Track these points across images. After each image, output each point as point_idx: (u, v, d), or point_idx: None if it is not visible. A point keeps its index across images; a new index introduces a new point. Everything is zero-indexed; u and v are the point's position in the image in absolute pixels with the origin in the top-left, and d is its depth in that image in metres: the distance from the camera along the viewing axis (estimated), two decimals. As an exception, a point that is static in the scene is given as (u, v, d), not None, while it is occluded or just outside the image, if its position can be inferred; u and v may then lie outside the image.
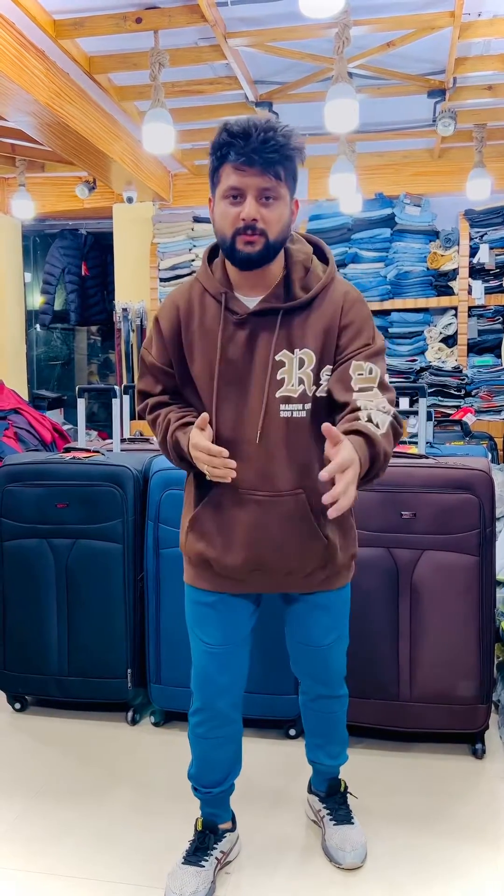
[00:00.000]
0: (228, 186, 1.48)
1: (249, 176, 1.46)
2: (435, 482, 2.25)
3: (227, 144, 1.47)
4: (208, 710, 1.72)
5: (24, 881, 1.75)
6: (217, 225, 1.53)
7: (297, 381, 1.56)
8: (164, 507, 2.37)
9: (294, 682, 2.25)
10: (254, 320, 1.56)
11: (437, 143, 5.02)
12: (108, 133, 4.42)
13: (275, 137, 1.45)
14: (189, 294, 1.62)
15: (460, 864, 1.80)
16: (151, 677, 2.42)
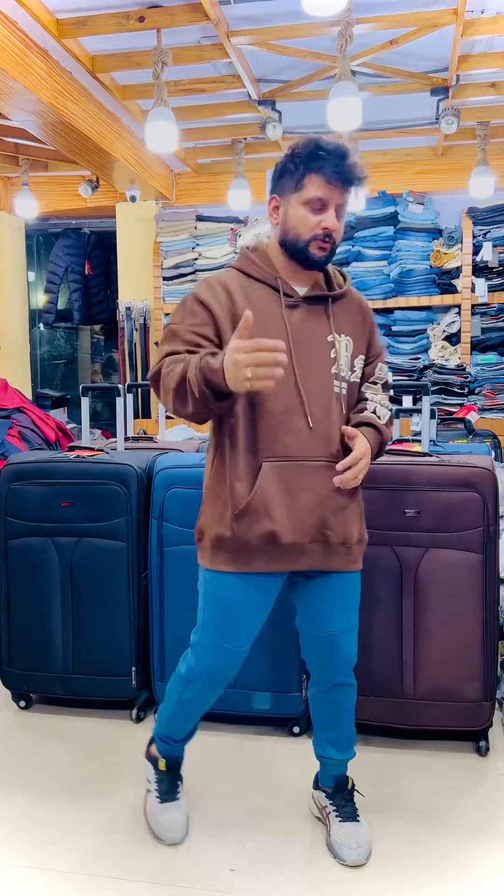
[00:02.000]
0: (315, 197, 1.66)
1: (335, 191, 1.66)
2: (438, 480, 2.25)
3: (322, 159, 1.64)
4: (214, 680, 1.82)
5: (29, 878, 1.76)
6: (293, 227, 1.69)
7: (344, 361, 1.75)
8: (168, 505, 2.37)
9: (299, 680, 2.28)
10: (305, 305, 1.73)
11: (440, 140, 5.02)
12: (111, 132, 4.43)
13: (358, 163, 1.67)
14: (230, 279, 1.72)
15: (464, 860, 1.80)
16: (156, 675, 2.42)
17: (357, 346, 1.78)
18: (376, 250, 5.26)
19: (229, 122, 4.73)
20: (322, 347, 1.72)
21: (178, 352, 1.65)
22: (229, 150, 5.20)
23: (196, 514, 1.93)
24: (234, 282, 1.71)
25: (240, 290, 1.70)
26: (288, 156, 1.69)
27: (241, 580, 1.72)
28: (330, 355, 1.73)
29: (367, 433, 1.73)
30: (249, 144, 5.12)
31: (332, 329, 1.73)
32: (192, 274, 5.56)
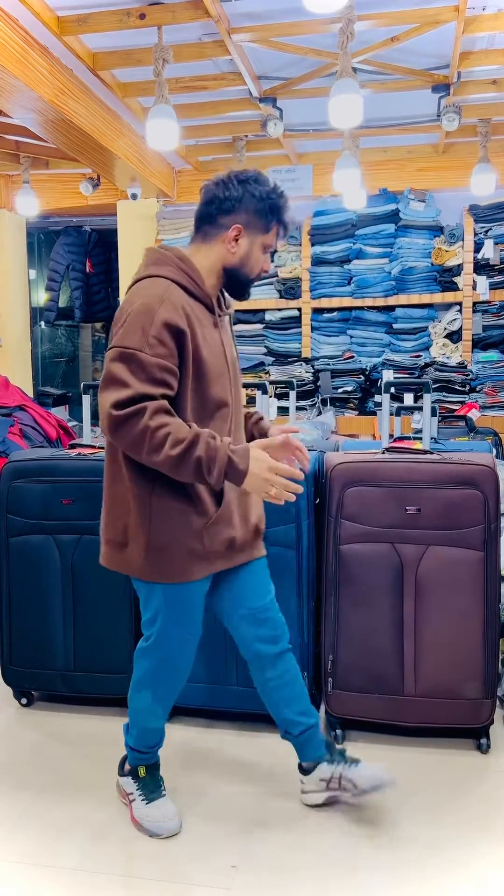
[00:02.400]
0: (271, 244, 1.85)
1: (277, 244, 1.89)
2: (440, 478, 2.25)
3: (285, 213, 1.83)
4: (176, 691, 1.92)
5: (32, 875, 1.76)
6: (250, 264, 1.83)
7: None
8: None
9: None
10: (221, 321, 1.86)
11: (441, 138, 5.01)
12: (111, 130, 4.43)
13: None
14: (179, 297, 1.74)
15: (465, 857, 1.80)
16: None
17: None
18: (377, 248, 5.26)
19: (230, 119, 4.72)
20: (236, 361, 1.92)
21: (152, 396, 1.65)
22: (230, 148, 5.19)
23: None
24: (182, 299, 1.74)
25: (189, 308, 1.75)
26: (257, 194, 1.78)
27: (203, 581, 1.82)
28: (235, 360, 1.92)
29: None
30: (250, 142, 5.11)
31: (234, 342, 1.95)
32: (193, 272, 5.55)
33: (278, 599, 1.98)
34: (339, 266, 5.32)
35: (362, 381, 5.12)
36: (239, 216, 1.77)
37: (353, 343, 5.34)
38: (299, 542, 2.32)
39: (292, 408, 2.90)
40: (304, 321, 5.38)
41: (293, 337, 5.42)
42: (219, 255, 1.80)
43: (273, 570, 2.06)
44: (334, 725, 2.33)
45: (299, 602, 2.33)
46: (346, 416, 5.11)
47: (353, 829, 1.91)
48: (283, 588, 2.26)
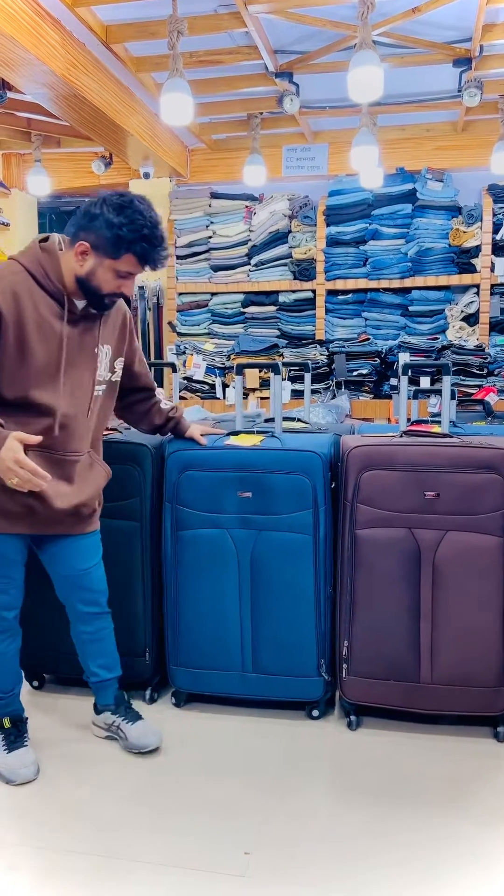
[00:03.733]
0: (127, 271, 1.93)
1: (140, 269, 1.95)
2: (459, 462, 2.20)
3: (142, 245, 1.88)
4: (8, 630, 2.10)
5: (42, 858, 1.75)
6: (97, 282, 1.93)
7: (105, 367, 2.07)
8: (182, 488, 2.34)
9: (317, 664, 2.29)
10: (83, 320, 2.00)
11: (461, 115, 4.89)
12: (124, 106, 4.35)
13: (166, 248, 2.01)
14: (25, 287, 1.91)
15: (481, 844, 1.77)
16: (171, 660, 2.41)
17: (116, 350, 2.12)
18: (394, 228, 5.16)
19: (245, 95, 4.63)
20: (90, 358, 2.02)
21: None
22: (245, 126, 5.10)
23: (211, 497, 2.30)
24: (24, 286, 1.91)
25: (28, 296, 1.91)
26: (110, 222, 1.87)
27: (7, 538, 2.05)
28: (94, 365, 2.03)
29: (187, 422, 2.36)
30: (265, 119, 5.01)
31: (99, 341, 2.04)
32: (205, 252, 5.48)
33: (294, 585, 2.27)
34: (354, 247, 5.23)
35: (378, 363, 5.04)
36: (89, 235, 1.90)
37: (367, 326, 5.26)
38: (316, 528, 2.28)
39: (307, 391, 2.82)
40: (319, 303, 5.30)
41: (307, 319, 5.34)
42: (71, 264, 1.94)
43: (290, 555, 2.25)
44: (349, 711, 2.30)
45: (316, 588, 2.29)
46: (361, 400, 5.05)
47: (366, 817, 1.88)
48: (299, 574, 2.29)
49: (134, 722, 2.22)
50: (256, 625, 2.32)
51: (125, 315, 2.16)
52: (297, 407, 4.31)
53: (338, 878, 1.68)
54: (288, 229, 5.34)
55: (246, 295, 5.44)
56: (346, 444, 2.31)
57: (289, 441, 2.35)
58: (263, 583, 2.30)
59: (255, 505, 2.29)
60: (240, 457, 2.30)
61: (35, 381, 1.93)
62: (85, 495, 2.08)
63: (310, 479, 2.25)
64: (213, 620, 2.34)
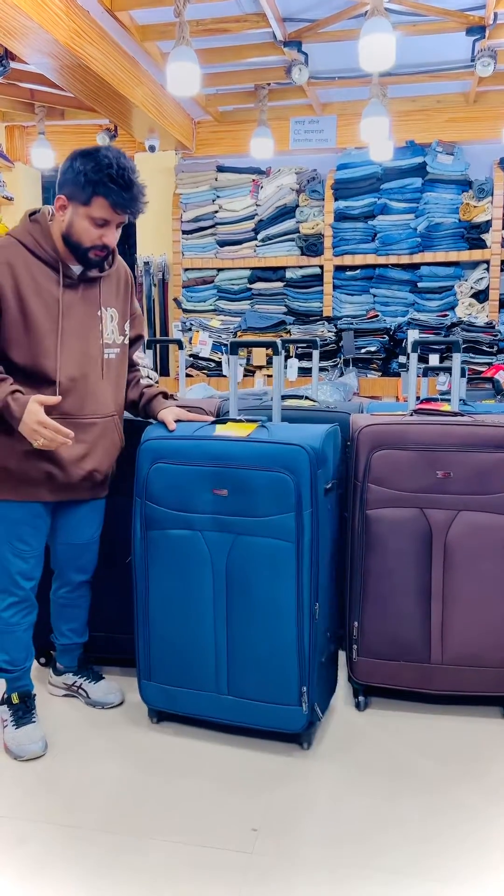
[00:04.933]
0: (100, 217, 1.92)
1: (117, 214, 1.93)
2: (471, 441, 2.16)
3: (108, 187, 1.88)
4: (24, 602, 2.10)
5: (52, 835, 1.75)
6: (76, 234, 1.94)
7: (111, 331, 2.09)
8: (151, 482, 2.07)
9: (297, 693, 1.99)
10: (81, 284, 2.02)
11: (472, 86, 4.79)
12: (129, 76, 4.26)
13: (143, 194, 1.95)
14: (21, 258, 1.95)
15: (492, 823, 1.77)
16: (141, 673, 2.15)
17: (122, 313, 2.14)
18: (403, 203, 5.08)
19: (253, 65, 4.53)
20: (92, 322, 2.04)
21: None
22: (252, 97, 5.00)
23: (183, 493, 2.03)
24: (18, 257, 1.95)
25: (23, 266, 1.94)
26: (77, 168, 1.90)
27: (29, 505, 2.07)
28: (98, 328, 2.05)
29: (164, 403, 2.21)
30: (273, 91, 4.92)
31: (101, 304, 2.05)
32: (212, 227, 5.41)
33: (273, 600, 1.98)
34: (362, 222, 5.16)
35: (386, 341, 4.99)
36: (65, 188, 1.94)
37: (375, 302, 5.20)
38: (300, 534, 1.96)
39: (315, 368, 2.74)
40: (326, 279, 5.23)
41: (314, 295, 5.28)
42: (58, 224, 1.97)
43: (269, 565, 1.97)
44: (358, 692, 2.29)
45: (298, 605, 1.96)
46: (369, 378, 5.00)
47: (374, 795, 1.88)
48: (279, 587, 1.97)
49: (96, 682, 2.33)
50: (232, 642, 2.03)
51: (127, 278, 2.18)
52: (304, 385, 4.27)
53: (345, 852, 1.68)
54: (295, 203, 5.26)
55: (252, 271, 5.38)
56: (357, 423, 2.27)
57: (278, 432, 2.06)
58: (239, 595, 2.01)
59: (232, 505, 1.99)
60: (215, 448, 2.02)
61: (40, 346, 1.96)
62: (99, 460, 2.09)
63: (293, 477, 1.94)
64: (185, 633, 2.07)
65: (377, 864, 1.65)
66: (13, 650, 2.11)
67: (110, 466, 2.16)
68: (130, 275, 2.22)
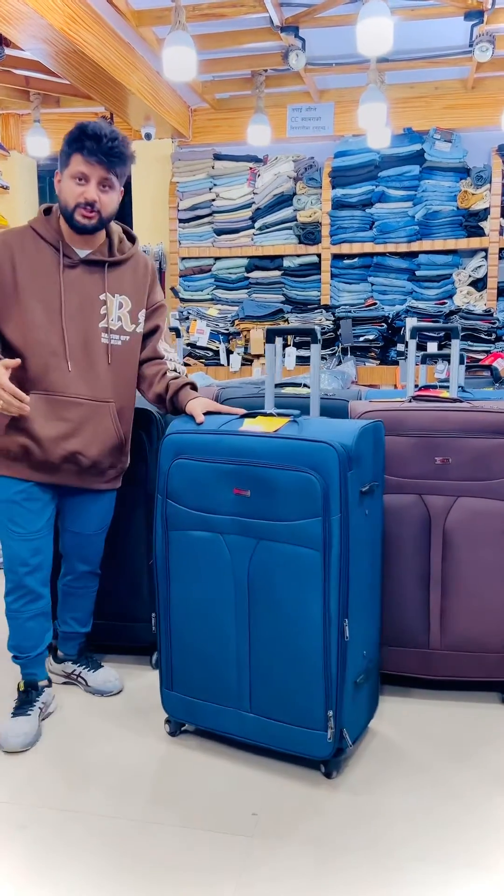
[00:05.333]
0: (78, 171, 1.96)
1: (95, 167, 1.95)
2: (470, 427, 2.16)
3: (82, 141, 1.93)
4: (21, 589, 2.08)
5: (51, 819, 1.75)
6: (64, 197, 2.00)
7: (117, 317, 2.09)
8: (173, 478, 1.94)
9: (324, 717, 1.81)
10: (83, 266, 2.06)
11: (471, 72, 4.75)
12: (125, 63, 4.22)
13: (118, 146, 1.96)
14: (22, 238, 2.03)
15: (492, 808, 1.77)
16: (163, 682, 2.05)
17: (137, 302, 2.13)
18: (401, 190, 5.06)
19: (249, 51, 4.50)
20: (93, 304, 2.05)
21: None
22: (249, 84, 4.96)
23: (204, 492, 1.88)
24: (23, 240, 2.03)
25: (23, 249, 2.01)
26: (63, 143, 2.00)
27: (16, 482, 2.09)
28: (100, 311, 2.06)
29: (191, 394, 2.10)
30: (270, 77, 4.88)
31: (106, 289, 2.06)
32: (209, 216, 5.38)
33: (297, 614, 1.79)
34: (360, 210, 5.14)
35: (384, 329, 4.98)
36: (58, 165, 2.02)
37: (373, 291, 5.18)
38: (327, 542, 1.76)
39: (314, 357, 2.65)
40: (324, 268, 5.21)
41: (312, 284, 5.27)
42: (59, 203, 2.05)
43: (293, 574, 1.79)
44: (356, 678, 2.29)
45: (325, 620, 1.77)
46: (368, 366, 4.99)
47: (374, 781, 1.88)
48: (304, 600, 1.79)
49: (95, 670, 2.33)
50: (255, 656, 1.87)
51: (148, 268, 2.18)
52: (303, 373, 4.26)
53: (344, 836, 1.68)
54: (293, 191, 5.24)
55: (250, 259, 5.36)
56: (355, 410, 2.27)
57: (308, 428, 1.86)
58: (261, 605, 1.84)
59: (254, 506, 1.82)
60: (238, 444, 1.86)
61: (35, 323, 2.00)
62: (84, 444, 2.06)
63: (319, 477, 1.74)
64: (207, 643, 1.93)
65: (377, 844, 1.66)
66: (17, 637, 2.11)
67: (101, 454, 2.10)
68: (153, 267, 2.21)
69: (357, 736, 1.95)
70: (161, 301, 2.22)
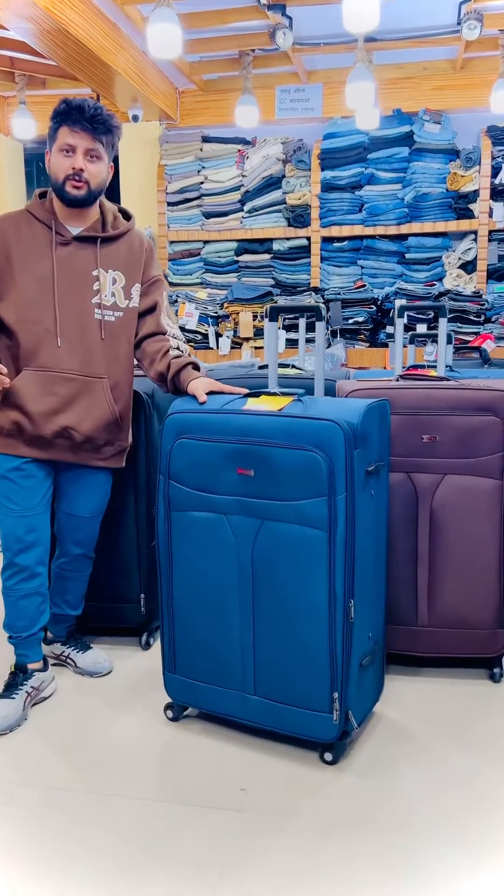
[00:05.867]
0: (64, 143, 1.99)
1: (80, 137, 1.98)
2: (457, 404, 2.16)
3: (66, 113, 1.97)
4: (14, 566, 2.07)
5: (39, 797, 1.76)
6: (53, 171, 2.02)
7: (111, 293, 2.09)
8: (175, 459, 1.91)
9: (329, 699, 1.79)
10: (76, 243, 2.07)
11: (459, 51, 4.72)
12: (111, 42, 4.18)
13: (101, 113, 1.98)
14: (17, 221, 2.07)
15: (476, 783, 1.79)
16: (165, 664, 2.03)
17: (130, 277, 2.12)
18: (390, 173, 5.03)
19: (236, 30, 4.45)
20: (86, 280, 2.06)
21: None
22: (236, 65, 4.92)
23: (206, 472, 1.86)
24: (18, 223, 2.05)
25: (18, 230, 2.04)
26: (50, 117, 2.02)
27: (10, 458, 2.09)
28: (93, 287, 2.07)
29: (192, 374, 2.05)
30: (258, 57, 4.84)
31: (99, 265, 2.07)
32: (197, 199, 5.35)
33: (302, 595, 1.78)
34: (349, 192, 5.11)
35: (374, 311, 4.97)
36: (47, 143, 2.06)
37: (363, 274, 5.17)
38: (333, 522, 1.73)
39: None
40: (314, 251, 5.19)
41: (302, 268, 5.24)
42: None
43: (298, 555, 1.77)
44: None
45: (330, 601, 1.75)
46: (357, 349, 4.99)
47: (361, 756, 1.90)
48: (309, 581, 1.77)
49: (84, 651, 2.34)
50: (259, 638, 1.86)
51: (143, 244, 2.17)
52: (291, 356, 4.25)
53: (332, 810, 1.69)
54: (282, 174, 5.21)
55: (239, 243, 5.33)
56: (343, 389, 2.26)
57: (313, 406, 1.84)
58: (265, 586, 1.83)
59: (258, 486, 1.80)
60: (241, 423, 1.83)
61: (28, 301, 2.02)
62: (76, 419, 2.06)
63: (326, 456, 1.72)
64: (210, 625, 1.92)
65: (364, 820, 1.67)
66: (11, 615, 2.11)
67: (94, 430, 2.09)
68: (150, 244, 2.20)
69: (362, 719, 1.94)
70: (158, 276, 2.20)
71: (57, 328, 2.03)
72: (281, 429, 1.79)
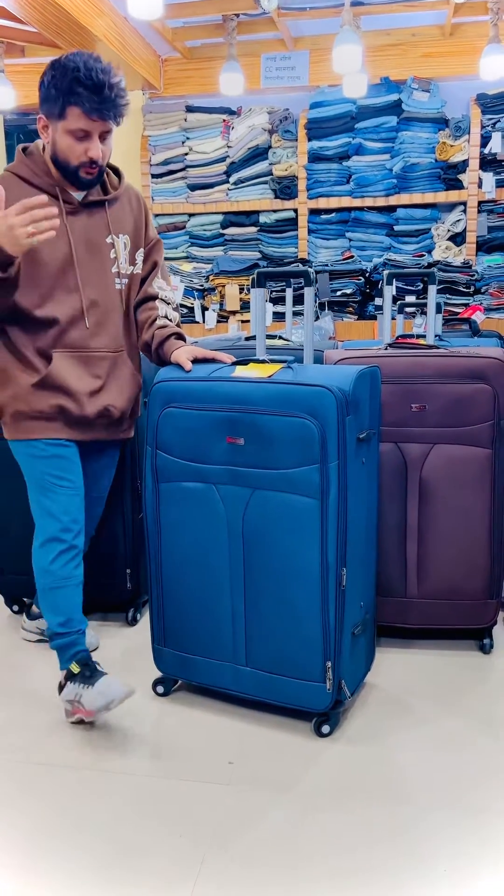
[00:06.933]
0: (77, 128, 1.79)
1: (96, 123, 1.79)
2: (447, 372, 2.12)
3: (79, 94, 1.74)
4: (73, 550, 1.93)
5: (21, 772, 1.73)
6: (62, 153, 1.83)
7: (124, 259, 1.97)
8: (163, 428, 1.89)
9: (322, 668, 1.79)
10: (85, 210, 1.91)
11: (448, 16, 4.61)
12: (90, 6, 4.05)
13: (120, 94, 1.79)
14: (8, 187, 1.79)
15: (468, 753, 1.78)
16: (155, 637, 2.01)
17: (135, 241, 2.00)
18: (378, 143, 4.94)
19: (220, -6, 4.34)
20: (103, 249, 1.93)
21: None
22: (220, 31, 4.79)
23: (195, 441, 1.83)
24: (13, 190, 1.80)
25: (15, 198, 1.74)
26: (47, 82, 1.78)
27: (49, 443, 1.95)
28: (110, 256, 1.94)
29: (176, 343, 1.97)
30: (242, 23, 4.71)
31: (111, 231, 1.94)
32: (182, 170, 5.24)
33: (294, 563, 1.77)
34: (337, 163, 5.02)
35: (362, 283, 4.90)
36: (42, 107, 1.82)
37: (352, 246, 5.09)
38: (325, 489, 1.72)
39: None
40: (301, 223, 5.11)
41: (289, 240, 5.16)
42: (47, 147, 1.87)
43: (290, 524, 1.76)
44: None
45: (323, 569, 1.75)
46: (345, 321, 4.93)
47: (354, 725, 1.88)
48: (301, 549, 1.76)
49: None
50: (250, 608, 1.85)
51: (140, 202, 2.05)
52: (279, 329, 4.19)
53: (320, 783, 1.68)
54: (268, 144, 5.11)
55: (225, 215, 5.23)
56: (330, 358, 2.22)
57: (305, 373, 1.81)
58: (256, 556, 1.82)
59: (249, 455, 1.78)
60: (230, 391, 1.80)
61: (48, 280, 1.86)
62: (114, 396, 1.97)
63: (317, 423, 1.70)
64: (200, 596, 1.91)
65: (349, 787, 1.65)
66: (66, 608, 1.90)
67: (127, 402, 2.01)
68: (142, 199, 2.07)
69: (355, 688, 1.93)
70: (157, 235, 2.10)
71: (83, 307, 1.90)
72: (271, 395, 1.76)
